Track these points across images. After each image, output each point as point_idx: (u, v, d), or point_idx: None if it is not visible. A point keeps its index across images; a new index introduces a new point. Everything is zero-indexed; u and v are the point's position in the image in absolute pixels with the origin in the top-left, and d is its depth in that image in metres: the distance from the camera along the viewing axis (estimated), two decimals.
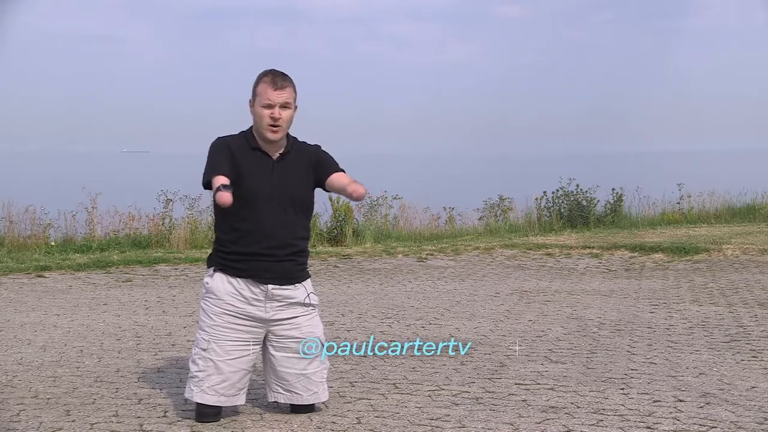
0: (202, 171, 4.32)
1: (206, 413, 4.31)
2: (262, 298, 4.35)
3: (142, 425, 4.30)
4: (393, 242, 13.12)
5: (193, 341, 4.44)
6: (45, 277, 9.83)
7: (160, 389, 4.99)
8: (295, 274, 4.43)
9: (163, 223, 13.39)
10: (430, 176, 62.27)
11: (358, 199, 4.35)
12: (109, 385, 5.08)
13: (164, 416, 4.46)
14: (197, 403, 4.32)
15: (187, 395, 4.37)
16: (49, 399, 4.80)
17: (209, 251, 4.62)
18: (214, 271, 4.39)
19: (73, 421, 4.37)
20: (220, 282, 4.35)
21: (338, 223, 13.33)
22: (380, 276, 10.04)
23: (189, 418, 4.39)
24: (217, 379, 4.29)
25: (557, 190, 15.63)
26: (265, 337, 4.42)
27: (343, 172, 4.44)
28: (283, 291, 4.39)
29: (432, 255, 11.46)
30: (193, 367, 4.34)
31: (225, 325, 4.32)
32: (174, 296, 8.65)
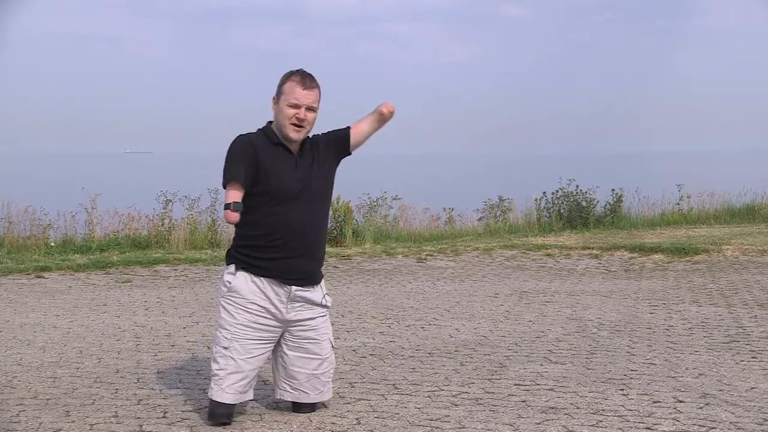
0: (222, 169, 4.27)
1: (219, 414, 4.27)
2: (285, 299, 4.33)
3: (141, 426, 4.29)
4: (393, 243, 13.12)
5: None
6: (44, 277, 9.83)
7: (160, 390, 4.99)
8: (316, 274, 4.44)
9: (162, 224, 13.40)
10: (430, 176, 62.28)
11: (391, 112, 4.42)
12: (109, 386, 5.08)
13: (164, 417, 4.46)
14: (212, 401, 4.28)
15: (209, 394, 4.32)
16: (48, 400, 4.80)
17: (209, 252, 4.60)
18: (236, 269, 4.32)
19: (73, 421, 4.37)
20: (243, 281, 4.30)
21: (338, 224, 13.33)
22: (380, 276, 10.04)
23: (189, 419, 4.40)
24: (236, 377, 4.27)
25: (557, 191, 15.64)
26: (280, 336, 4.42)
27: (351, 126, 4.48)
28: (305, 293, 4.38)
29: (432, 255, 11.46)
30: (213, 366, 4.31)
31: (247, 324, 4.28)
32: (173, 297, 8.65)
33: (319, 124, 4.48)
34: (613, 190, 15.96)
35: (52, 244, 12.69)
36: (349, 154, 4.52)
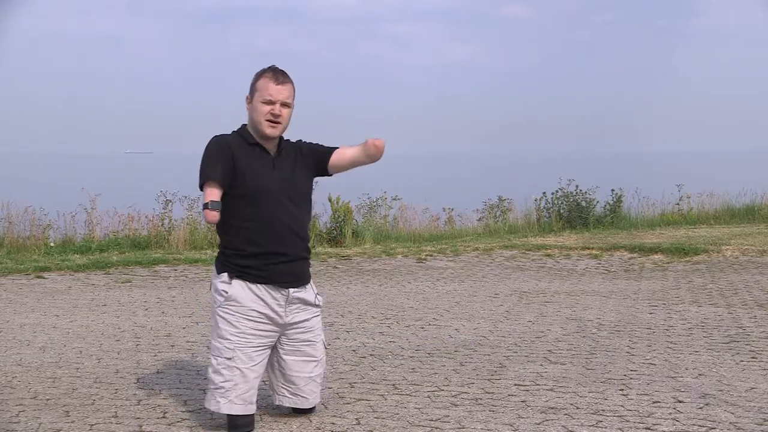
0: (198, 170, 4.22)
1: (240, 424, 4.20)
2: (283, 303, 4.29)
3: (141, 426, 4.30)
4: (392, 243, 13.12)
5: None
6: (44, 278, 9.83)
7: (160, 390, 4.99)
8: (306, 274, 4.41)
9: (162, 224, 13.40)
10: (430, 176, 62.25)
11: (380, 149, 4.30)
12: (109, 386, 5.08)
13: (163, 417, 4.46)
14: (228, 415, 4.20)
15: (212, 408, 4.20)
16: (48, 400, 4.80)
17: (209, 252, 4.60)
18: (230, 277, 4.25)
19: (73, 422, 4.38)
20: (240, 289, 4.23)
21: (337, 224, 13.33)
22: (379, 277, 10.04)
23: (188, 419, 4.40)
24: (243, 388, 4.19)
25: (556, 191, 15.65)
26: (276, 341, 4.38)
27: (339, 147, 4.41)
28: (300, 294, 4.35)
29: (431, 256, 11.46)
30: (217, 378, 4.19)
31: (248, 332, 4.21)
32: (173, 297, 8.65)
33: (320, 123, 4.43)
34: (612, 190, 15.97)
35: (52, 244, 12.69)
36: (328, 174, 4.44)
